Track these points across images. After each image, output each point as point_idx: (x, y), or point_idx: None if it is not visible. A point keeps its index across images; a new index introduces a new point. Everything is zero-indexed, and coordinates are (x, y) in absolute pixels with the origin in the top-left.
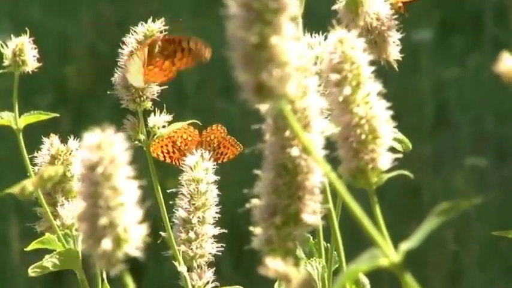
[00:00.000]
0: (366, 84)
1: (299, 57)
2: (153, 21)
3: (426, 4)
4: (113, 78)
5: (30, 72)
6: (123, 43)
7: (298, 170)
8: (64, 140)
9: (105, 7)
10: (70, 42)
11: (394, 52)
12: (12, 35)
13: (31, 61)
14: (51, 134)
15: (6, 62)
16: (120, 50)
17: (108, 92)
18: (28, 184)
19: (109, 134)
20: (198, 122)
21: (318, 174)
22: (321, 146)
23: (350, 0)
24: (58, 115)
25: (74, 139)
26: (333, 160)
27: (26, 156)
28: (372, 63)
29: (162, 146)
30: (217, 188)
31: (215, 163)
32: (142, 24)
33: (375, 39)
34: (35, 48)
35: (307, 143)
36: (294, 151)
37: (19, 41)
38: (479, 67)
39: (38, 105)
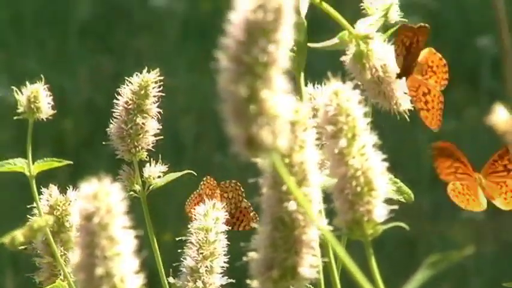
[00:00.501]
0: (361, 136)
1: (295, 111)
2: (148, 72)
3: None
4: (108, 129)
5: (45, 120)
6: (119, 94)
7: (295, 224)
8: (62, 191)
9: (101, 61)
10: (67, 95)
11: (404, 102)
12: (10, 88)
13: (46, 108)
14: (50, 185)
15: (20, 109)
16: (115, 101)
17: (104, 143)
18: (18, 235)
19: (105, 184)
20: (194, 172)
21: (315, 228)
22: (318, 200)
23: (357, 53)
24: (71, 162)
25: (72, 190)
26: (331, 212)
27: (39, 202)
28: (375, 114)
29: (195, 204)
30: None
31: (229, 228)
32: (137, 74)
33: (383, 90)
34: (50, 96)
35: (300, 197)
36: (291, 205)
37: (34, 88)
38: (476, 120)
39: (36, 158)
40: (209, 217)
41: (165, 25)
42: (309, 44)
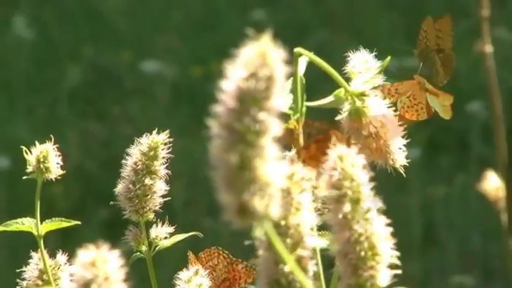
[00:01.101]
0: (365, 201)
1: (291, 173)
2: (158, 132)
3: (414, 123)
4: (115, 189)
5: (54, 180)
6: (128, 154)
7: (291, 285)
8: (52, 256)
9: (91, 126)
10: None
11: (400, 158)
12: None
13: (55, 169)
14: (39, 250)
15: (29, 169)
16: (124, 161)
17: (111, 203)
18: None
19: (103, 251)
20: (200, 234)
21: None
22: (314, 262)
23: (353, 110)
24: (79, 223)
25: (63, 254)
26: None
27: (47, 262)
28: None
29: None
30: None
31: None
32: (146, 135)
33: (380, 146)
34: (59, 156)
35: (292, 264)
36: (287, 267)
37: (43, 147)
38: (465, 186)
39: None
40: (192, 283)
41: (155, 90)
42: (306, 103)
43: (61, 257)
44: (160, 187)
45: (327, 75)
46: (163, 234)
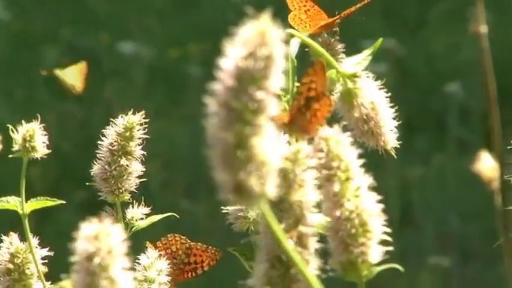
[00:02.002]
0: (355, 178)
1: (296, 151)
2: (134, 113)
3: (390, 104)
4: (92, 170)
5: (39, 159)
6: (104, 135)
7: (292, 262)
8: (23, 240)
9: (69, 108)
10: None
11: (391, 140)
12: None
13: (41, 147)
14: (11, 233)
15: (15, 147)
16: (100, 142)
17: (87, 184)
18: None
19: (106, 225)
20: (176, 215)
21: (311, 267)
22: (315, 240)
23: (345, 92)
24: (64, 202)
25: (35, 238)
26: (325, 253)
27: (31, 241)
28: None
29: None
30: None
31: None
32: (122, 116)
33: (371, 128)
34: (45, 135)
35: (289, 248)
36: (289, 243)
37: (30, 126)
38: (443, 167)
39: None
40: (152, 269)
41: (132, 72)
42: (297, 84)
43: (32, 240)
44: (136, 168)
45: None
46: (139, 215)
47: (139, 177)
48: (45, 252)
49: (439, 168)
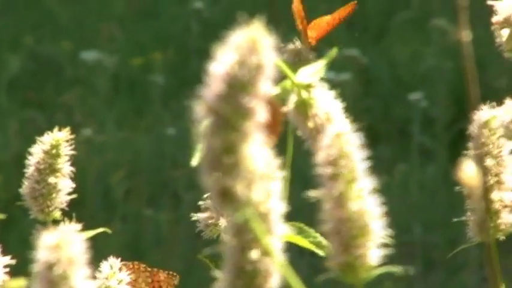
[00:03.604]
0: (360, 179)
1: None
2: (59, 130)
3: (353, 112)
4: (20, 189)
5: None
6: (30, 153)
7: (257, 272)
8: None
9: (32, 116)
10: None
11: None
12: None
13: None
14: None
15: None
16: (26, 161)
17: (17, 203)
18: None
19: (68, 234)
20: (108, 230)
21: (276, 277)
22: (280, 250)
23: (299, 102)
24: (3, 217)
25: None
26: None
27: None
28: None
29: None
30: None
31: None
32: (48, 133)
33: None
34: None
35: (270, 248)
36: (254, 254)
37: None
38: (406, 176)
39: None
40: (114, 279)
41: (95, 80)
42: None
43: None
44: (65, 185)
45: None
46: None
47: (70, 193)
48: (7, 260)
49: (402, 177)
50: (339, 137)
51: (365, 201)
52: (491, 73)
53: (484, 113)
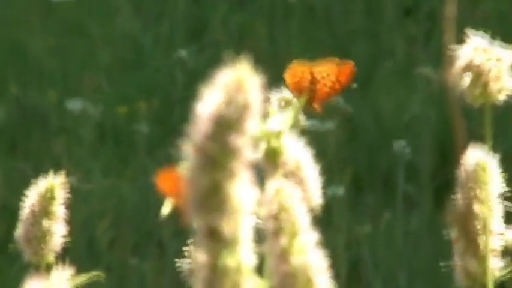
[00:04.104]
0: (303, 234)
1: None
2: (55, 173)
3: (338, 161)
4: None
5: None
6: (25, 196)
7: None
8: None
9: (17, 165)
10: None
11: (316, 198)
12: None
13: None
14: None
15: None
16: (22, 203)
17: (10, 245)
18: None
19: (53, 282)
20: (100, 274)
21: None
22: None
23: (269, 150)
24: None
25: None
26: None
27: None
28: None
29: None
30: None
31: None
32: (44, 177)
33: (295, 186)
34: None
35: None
36: None
37: None
38: (391, 224)
39: None
40: None
41: (80, 129)
42: None
43: None
44: (59, 229)
45: None
46: (64, 277)
47: (64, 237)
48: None
49: (387, 225)
50: (279, 192)
51: (308, 255)
52: (476, 121)
53: (471, 157)
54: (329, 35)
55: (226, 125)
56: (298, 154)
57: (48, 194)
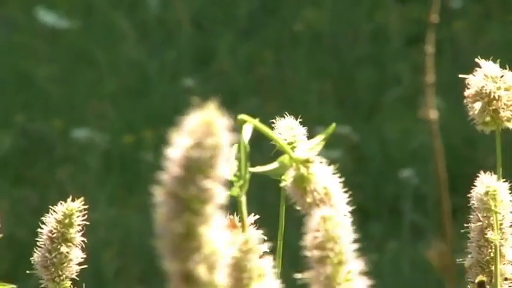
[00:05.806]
0: (348, 262)
1: (245, 241)
2: (73, 200)
3: (344, 190)
4: (32, 258)
5: None
6: (43, 223)
7: None
8: None
9: (23, 194)
10: None
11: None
12: None
13: None
14: None
15: None
16: (39, 230)
17: (27, 272)
18: None
19: None
20: None
21: None
22: None
23: (298, 177)
24: (15, 287)
25: None
26: None
27: None
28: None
29: None
30: None
31: None
32: (61, 203)
33: None
34: None
35: None
36: None
37: None
38: (397, 253)
39: None
40: None
41: (86, 158)
42: (250, 169)
43: None
44: (76, 255)
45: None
46: None
47: (80, 264)
48: None
49: (393, 254)
50: (326, 220)
51: (353, 284)
52: (482, 150)
53: (484, 185)
54: (335, 62)
55: (196, 168)
56: (327, 181)
57: (67, 220)
